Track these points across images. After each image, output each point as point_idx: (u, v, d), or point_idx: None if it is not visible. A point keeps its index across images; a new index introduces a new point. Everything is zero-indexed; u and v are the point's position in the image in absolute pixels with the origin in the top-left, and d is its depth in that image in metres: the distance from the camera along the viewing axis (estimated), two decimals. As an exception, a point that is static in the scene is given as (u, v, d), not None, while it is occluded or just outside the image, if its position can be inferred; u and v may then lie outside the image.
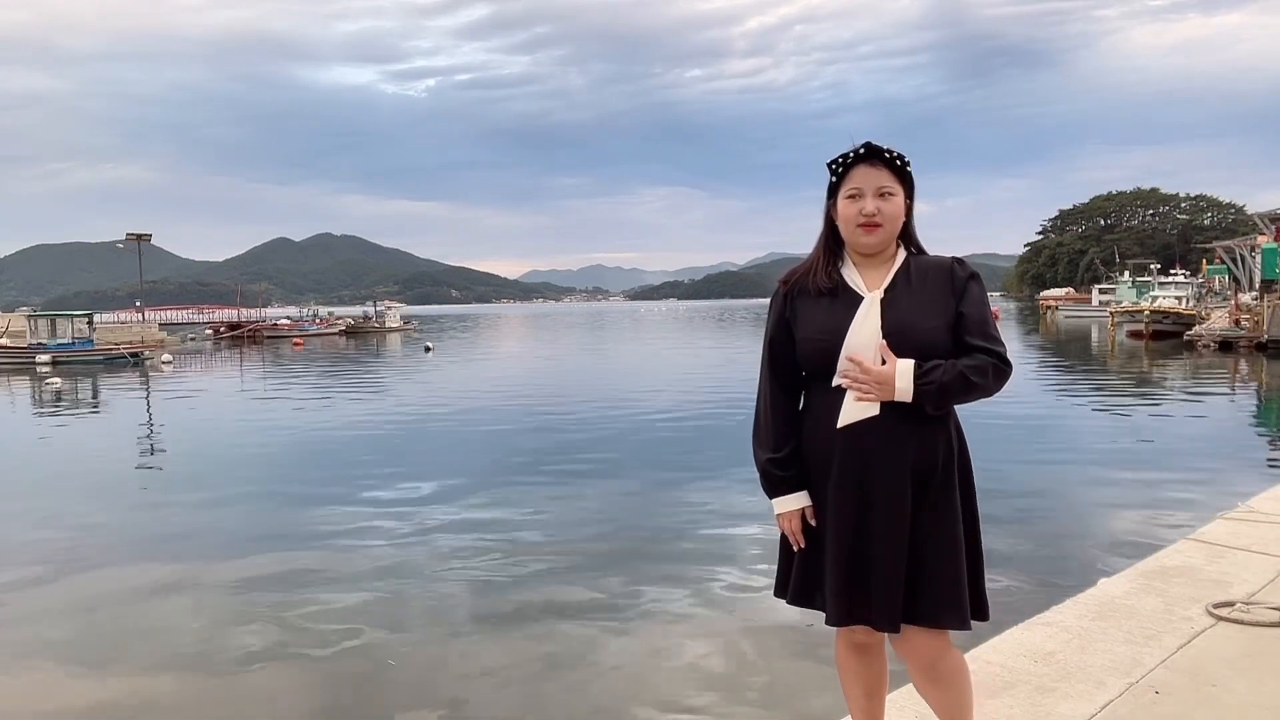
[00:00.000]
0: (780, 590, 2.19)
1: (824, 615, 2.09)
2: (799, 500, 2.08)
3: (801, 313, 2.09)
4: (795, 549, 2.11)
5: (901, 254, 2.09)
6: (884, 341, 1.96)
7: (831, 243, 2.12)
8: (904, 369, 1.93)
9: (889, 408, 1.96)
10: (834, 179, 2.09)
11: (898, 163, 2.03)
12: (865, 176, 2.02)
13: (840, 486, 2.01)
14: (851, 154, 2.05)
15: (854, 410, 1.98)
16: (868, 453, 1.98)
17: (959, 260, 2.08)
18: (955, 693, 2.12)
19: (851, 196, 2.03)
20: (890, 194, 2.01)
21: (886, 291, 2.02)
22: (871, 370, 1.94)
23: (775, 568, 2.22)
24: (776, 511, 2.12)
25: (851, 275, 2.07)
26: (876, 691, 2.20)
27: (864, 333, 1.98)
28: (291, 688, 5.08)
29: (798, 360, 2.11)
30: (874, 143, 2.04)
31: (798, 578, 2.12)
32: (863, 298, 2.02)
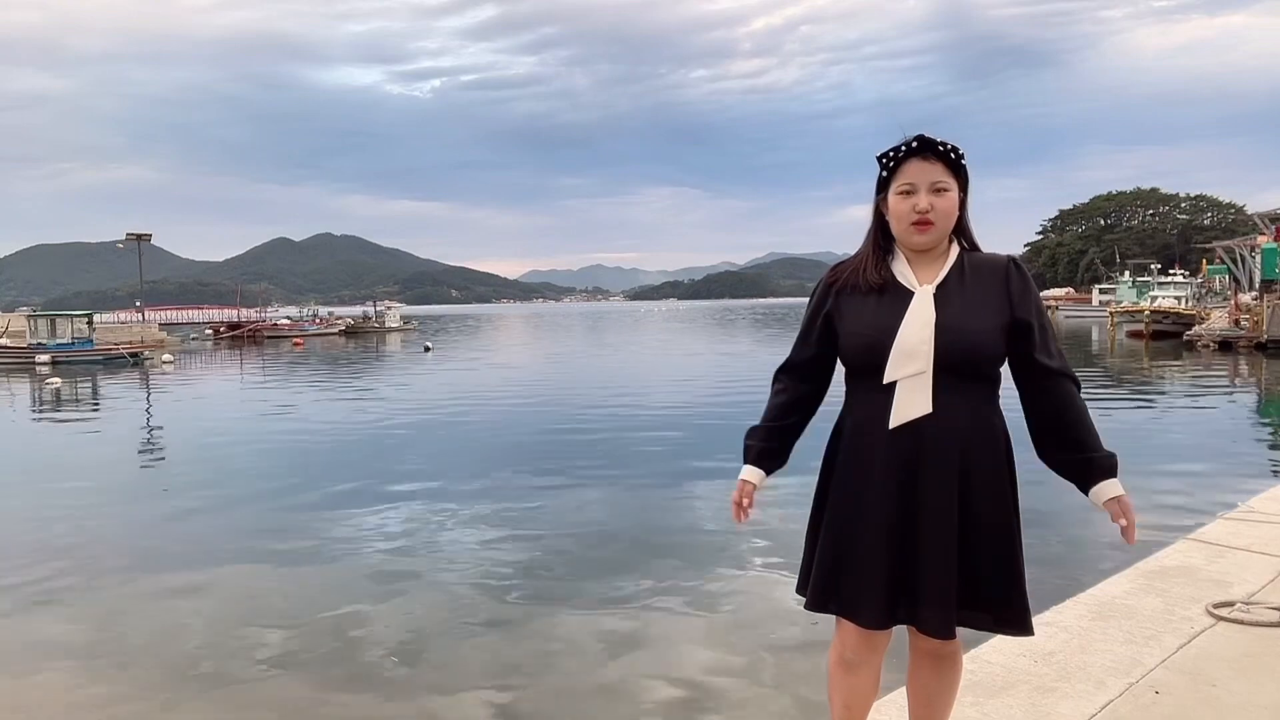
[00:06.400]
0: (802, 588, 2.13)
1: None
2: (750, 473, 2.14)
3: (848, 309, 2.01)
4: (734, 520, 2.18)
5: (955, 250, 2.00)
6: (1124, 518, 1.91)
7: (881, 238, 2.03)
8: (1114, 485, 1.92)
9: (941, 405, 1.90)
10: (884, 173, 1.98)
11: (952, 155, 1.93)
12: (919, 171, 1.92)
13: (886, 486, 1.94)
14: (903, 147, 1.94)
15: (908, 409, 1.91)
16: (918, 451, 1.91)
17: (1015, 261, 2.00)
18: (953, 676, 2.13)
19: (904, 192, 1.93)
20: (944, 189, 1.92)
21: (939, 288, 1.94)
22: (1132, 515, 1.92)
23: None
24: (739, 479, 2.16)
25: (902, 271, 1.98)
26: (858, 705, 2.15)
27: (917, 329, 1.90)
28: (293, 686, 5.07)
29: (841, 358, 2.05)
30: (927, 135, 1.93)
31: (818, 579, 2.04)
32: (913, 293, 1.94)
